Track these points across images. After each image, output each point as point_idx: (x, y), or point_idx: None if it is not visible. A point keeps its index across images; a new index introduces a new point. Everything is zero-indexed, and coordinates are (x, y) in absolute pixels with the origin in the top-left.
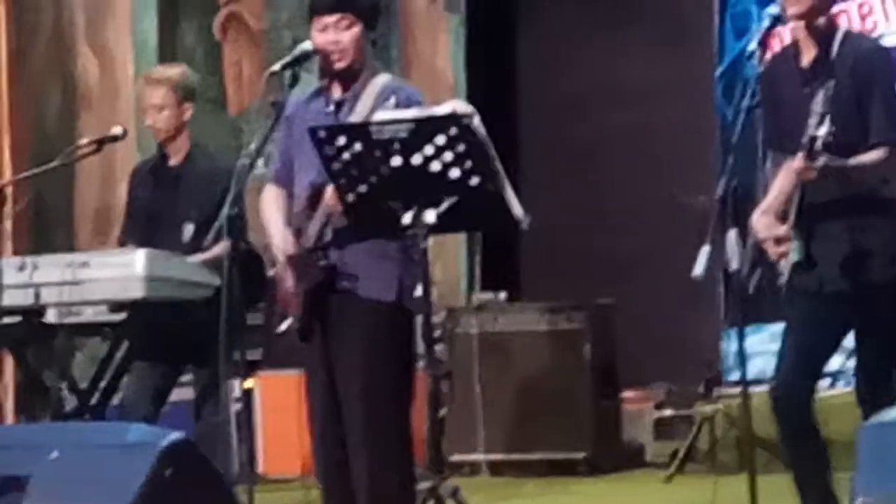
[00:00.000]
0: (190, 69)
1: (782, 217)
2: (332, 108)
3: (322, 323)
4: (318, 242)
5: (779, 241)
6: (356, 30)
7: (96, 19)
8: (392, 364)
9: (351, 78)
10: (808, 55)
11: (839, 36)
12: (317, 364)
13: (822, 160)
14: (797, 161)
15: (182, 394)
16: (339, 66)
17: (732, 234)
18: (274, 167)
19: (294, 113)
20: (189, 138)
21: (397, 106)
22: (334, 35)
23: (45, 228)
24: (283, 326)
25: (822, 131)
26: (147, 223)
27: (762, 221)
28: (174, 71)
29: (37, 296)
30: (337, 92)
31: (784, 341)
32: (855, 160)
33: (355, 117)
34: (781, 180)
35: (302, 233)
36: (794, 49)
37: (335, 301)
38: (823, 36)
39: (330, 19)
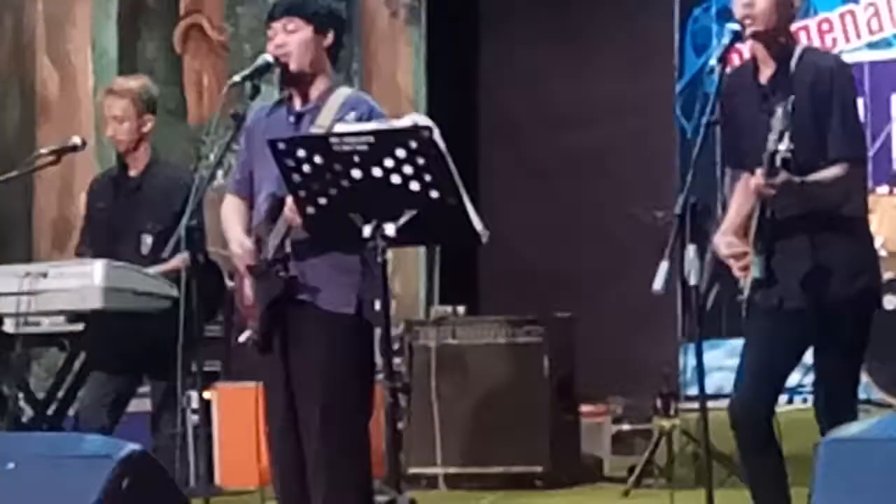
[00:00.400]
0: (150, 81)
1: (743, 234)
2: (292, 119)
3: (281, 335)
4: (277, 254)
5: (739, 258)
6: (302, 34)
7: (56, 30)
8: (351, 376)
9: (305, 84)
10: (766, 71)
11: (797, 52)
12: (275, 376)
13: (781, 176)
14: (756, 177)
15: (139, 405)
16: (290, 69)
17: (691, 250)
18: (234, 178)
19: (255, 124)
20: (149, 150)
21: (358, 119)
22: (280, 39)
23: (3, 239)
24: (242, 338)
25: (782, 147)
26: (106, 234)
27: (723, 241)
28: (135, 83)
29: None
30: (298, 103)
31: (743, 357)
32: (814, 176)
33: (316, 129)
34: (740, 197)
35: (262, 244)
36: (752, 65)
37: (294, 313)
38: (782, 52)
39: (277, 24)
